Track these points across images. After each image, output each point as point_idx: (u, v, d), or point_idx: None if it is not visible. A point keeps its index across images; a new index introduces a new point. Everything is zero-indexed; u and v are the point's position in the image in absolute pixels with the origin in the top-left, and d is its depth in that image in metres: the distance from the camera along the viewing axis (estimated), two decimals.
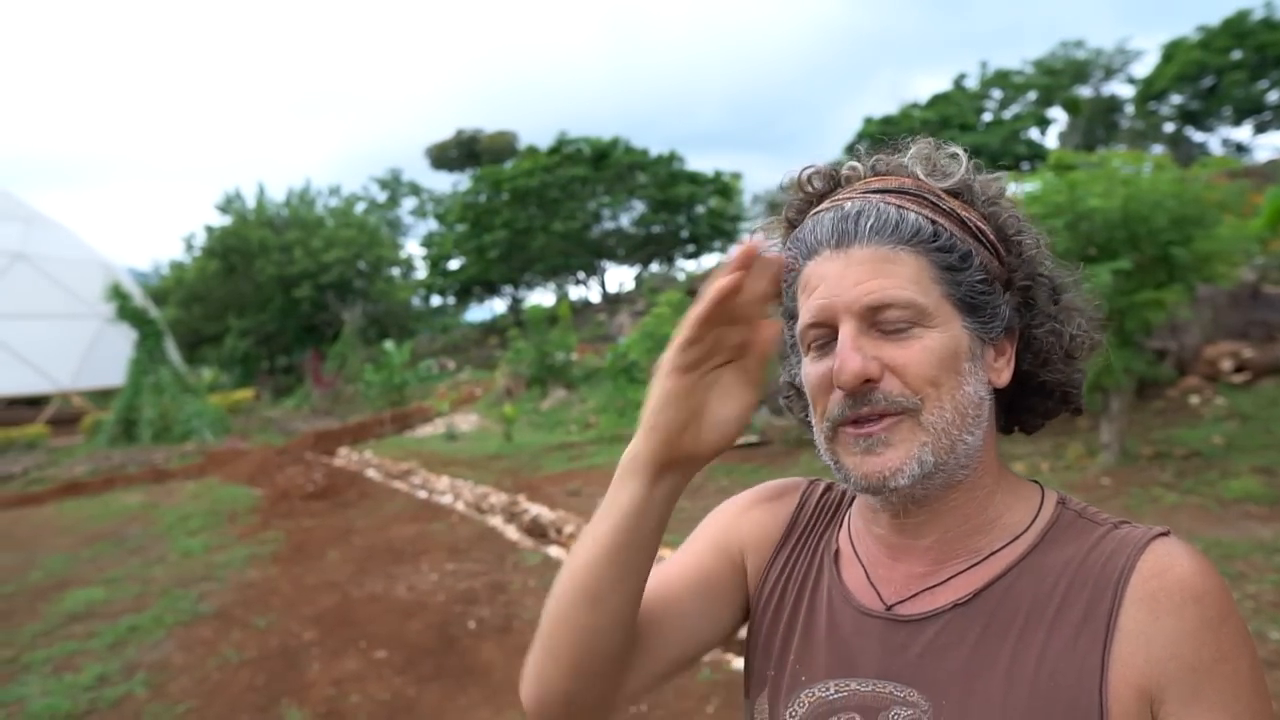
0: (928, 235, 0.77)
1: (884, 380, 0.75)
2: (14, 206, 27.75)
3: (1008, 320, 0.81)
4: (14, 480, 14.74)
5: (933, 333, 0.76)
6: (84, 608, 6.30)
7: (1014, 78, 36.16)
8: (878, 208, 0.78)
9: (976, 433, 0.78)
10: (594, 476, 9.39)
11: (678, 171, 33.79)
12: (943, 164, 0.83)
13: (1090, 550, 0.76)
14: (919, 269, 0.76)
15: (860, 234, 0.77)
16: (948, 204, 0.80)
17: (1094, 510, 0.81)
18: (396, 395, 19.04)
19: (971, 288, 0.78)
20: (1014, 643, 0.75)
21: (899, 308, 0.75)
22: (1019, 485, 0.84)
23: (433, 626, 5.08)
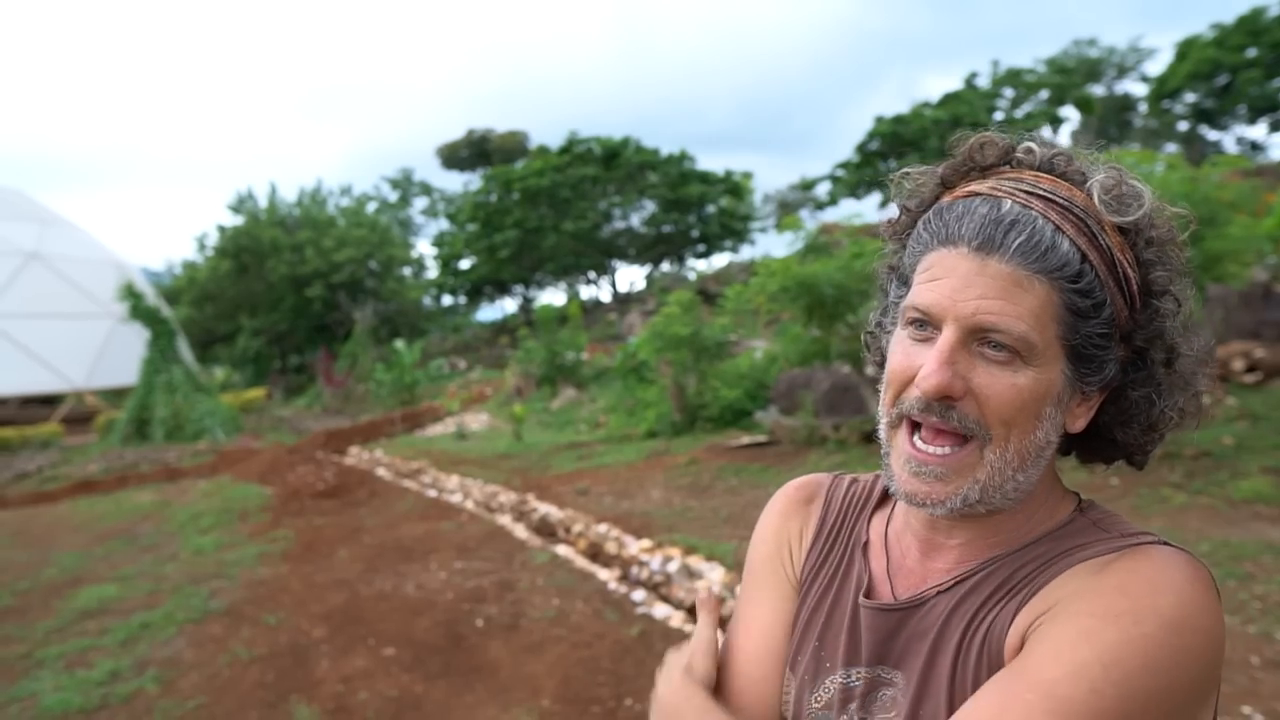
0: (1072, 273, 0.73)
1: (963, 401, 0.75)
2: (29, 207, 27.98)
3: (1111, 376, 0.78)
4: (29, 478, 14.87)
5: (1029, 371, 0.74)
6: (97, 604, 6.35)
7: (1026, 76, 35.99)
8: (1035, 223, 0.74)
9: (1032, 472, 0.78)
10: (603, 476, 9.41)
11: (688, 171, 33.77)
12: (1125, 195, 0.76)
13: (1073, 547, 0.77)
14: (1046, 303, 0.73)
15: (1005, 248, 0.74)
16: (1107, 239, 0.75)
17: (1119, 522, 0.80)
18: (407, 394, 19.12)
19: (1089, 338, 0.75)
20: (969, 618, 0.78)
21: (1009, 337, 0.73)
22: (1058, 500, 0.83)
23: (440, 624, 5.10)
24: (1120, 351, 0.78)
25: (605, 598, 5.39)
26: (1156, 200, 0.78)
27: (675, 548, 6.20)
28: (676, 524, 6.99)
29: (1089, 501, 0.84)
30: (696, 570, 5.74)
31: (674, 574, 5.82)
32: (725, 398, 11.02)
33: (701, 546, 6.15)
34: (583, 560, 6.40)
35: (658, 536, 6.55)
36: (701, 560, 5.85)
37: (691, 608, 5.50)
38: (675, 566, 5.87)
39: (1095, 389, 0.78)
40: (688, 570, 5.81)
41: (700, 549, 6.10)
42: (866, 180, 32.53)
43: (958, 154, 0.83)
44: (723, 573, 5.53)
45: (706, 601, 0.97)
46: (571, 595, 5.46)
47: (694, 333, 11.11)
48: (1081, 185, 0.77)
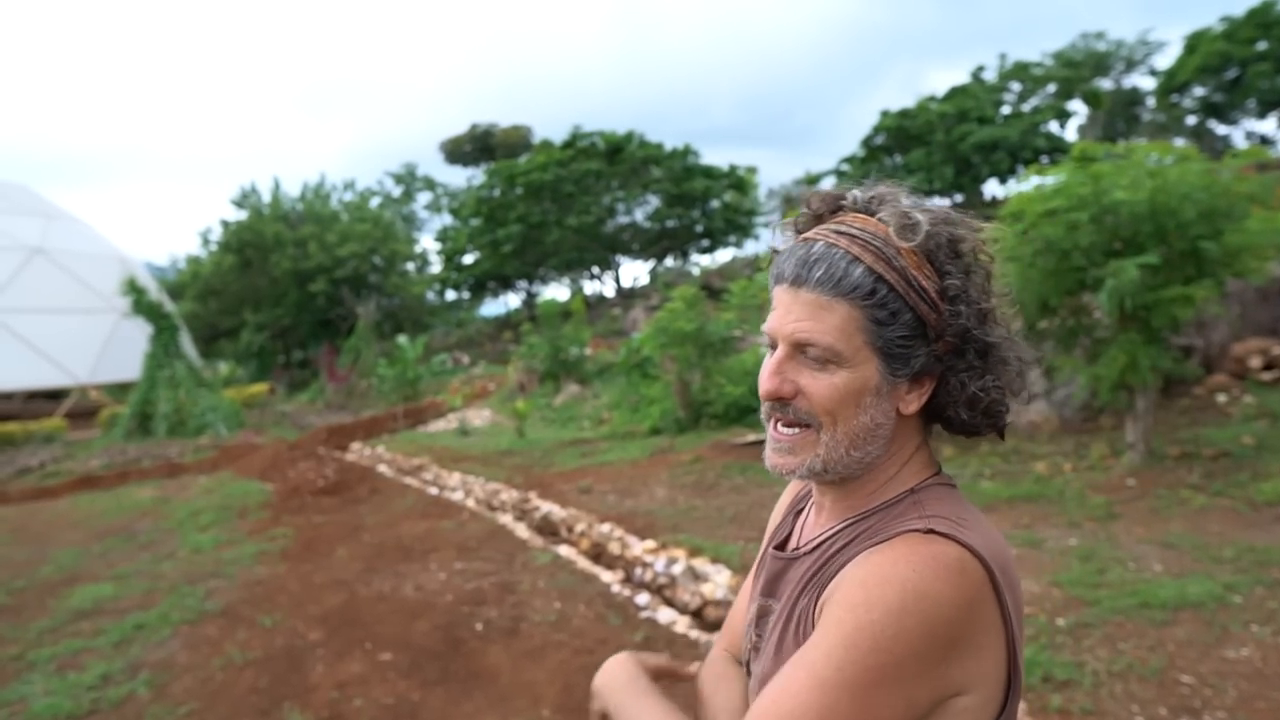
0: (865, 292, 0.92)
1: (798, 398, 0.96)
2: (33, 202, 27.94)
3: (922, 367, 0.96)
4: (31, 473, 14.81)
5: (843, 372, 0.94)
6: (92, 604, 6.24)
7: (1033, 70, 35.73)
8: (831, 259, 0.94)
9: (870, 448, 0.97)
10: (606, 474, 9.28)
11: (693, 166, 33.61)
12: (908, 226, 0.95)
13: (886, 525, 0.95)
14: (848, 319, 0.93)
15: (809, 281, 0.94)
16: (901, 262, 0.94)
17: (931, 504, 0.96)
18: (410, 390, 19.01)
19: (892, 341, 0.94)
20: (806, 575, 1.01)
21: (819, 348, 0.94)
22: (910, 474, 1.01)
23: (439, 628, 4.98)
24: (938, 347, 0.96)
25: (608, 601, 5.26)
26: (955, 226, 0.97)
27: (680, 549, 6.07)
28: (681, 524, 6.86)
29: (930, 481, 1.01)
30: (702, 573, 5.60)
31: (679, 576, 5.69)
32: (730, 395, 10.88)
33: (707, 548, 6.02)
34: (585, 561, 6.28)
35: (662, 537, 6.42)
36: (707, 562, 5.72)
37: (696, 611, 5.38)
38: (680, 568, 5.74)
39: (907, 378, 0.96)
40: (693, 572, 5.67)
41: (705, 550, 5.97)
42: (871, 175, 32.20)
43: (802, 206, 1.04)
44: (728, 576, 5.40)
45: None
46: (574, 598, 5.33)
47: (698, 328, 10.97)
48: (884, 218, 0.97)
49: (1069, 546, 5.50)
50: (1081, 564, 5.11)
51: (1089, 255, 7.04)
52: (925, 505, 0.96)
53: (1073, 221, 6.94)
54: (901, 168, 31.09)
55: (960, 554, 0.87)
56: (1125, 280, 6.43)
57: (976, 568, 0.87)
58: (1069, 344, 7.80)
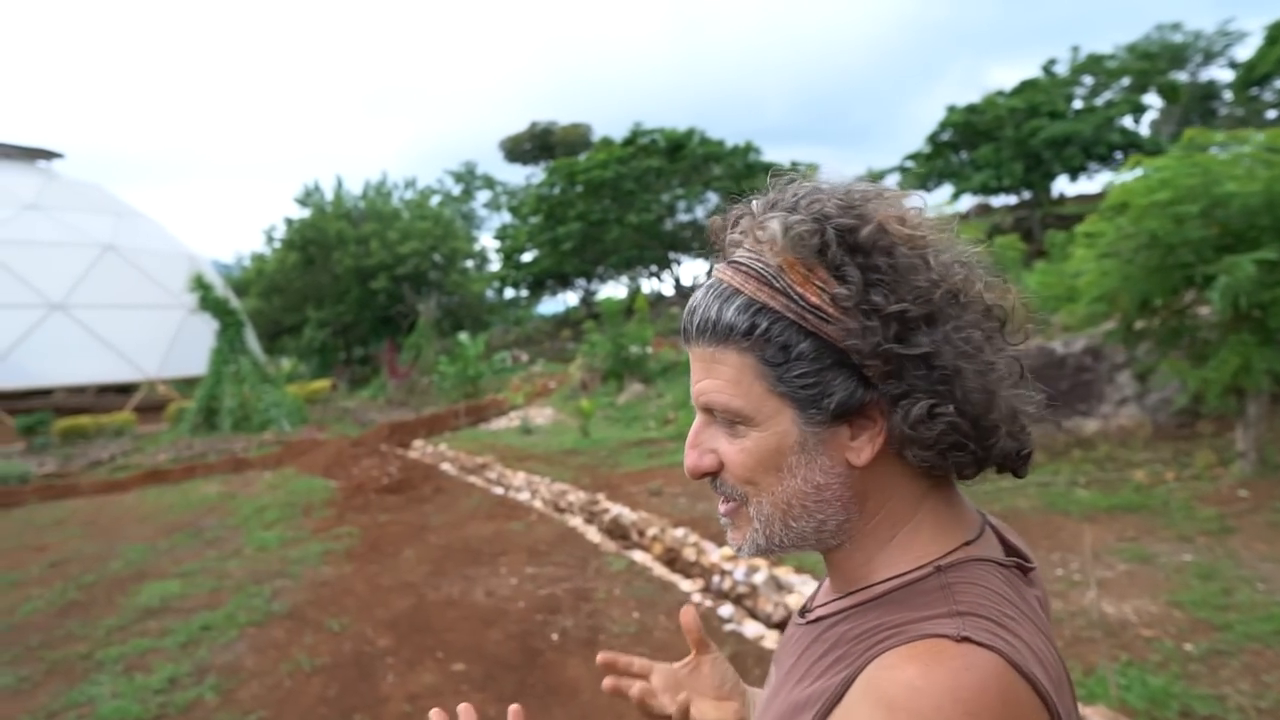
0: (742, 330, 0.75)
1: (723, 471, 0.80)
2: (105, 200, 28.62)
3: (847, 402, 0.75)
4: (102, 466, 15.06)
5: (754, 433, 0.77)
6: (159, 602, 6.16)
7: (1107, 63, 34.54)
8: (706, 301, 0.78)
9: (820, 516, 0.78)
10: (675, 475, 9.00)
11: (754, 163, 33.11)
12: (769, 224, 0.76)
13: (896, 623, 0.73)
14: (740, 368, 0.76)
15: (691, 334, 0.79)
16: (783, 280, 0.75)
17: (967, 594, 0.73)
18: (471, 387, 18.94)
19: (791, 382, 0.75)
20: (806, 668, 0.79)
21: (720, 408, 0.77)
22: (921, 543, 0.78)
23: (513, 637, 4.74)
24: (870, 372, 0.74)
25: None
26: (850, 211, 0.75)
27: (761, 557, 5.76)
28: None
29: (960, 555, 0.77)
30: (786, 583, 5.30)
31: (760, 586, 5.39)
32: None
33: (788, 556, 5.71)
34: (661, 568, 6.00)
35: None
36: (791, 572, 5.41)
37: (781, 623, 5.07)
38: (762, 578, 5.44)
39: (828, 422, 0.75)
40: (776, 582, 5.37)
41: (787, 559, 5.66)
42: (938, 172, 31.46)
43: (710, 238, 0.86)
44: (815, 587, 5.08)
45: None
46: (653, 608, 5.06)
47: None
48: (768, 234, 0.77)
49: (1184, 563, 5.09)
50: (1202, 583, 4.71)
51: (1198, 251, 6.58)
52: (956, 593, 0.74)
53: (1180, 214, 6.49)
54: (969, 164, 30.33)
55: (1005, 675, 0.66)
56: (1240, 277, 6.00)
57: (1028, 695, 0.66)
58: (1170, 345, 7.33)
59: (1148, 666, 3.71)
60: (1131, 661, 3.77)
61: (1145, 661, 3.76)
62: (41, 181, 27.81)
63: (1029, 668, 0.67)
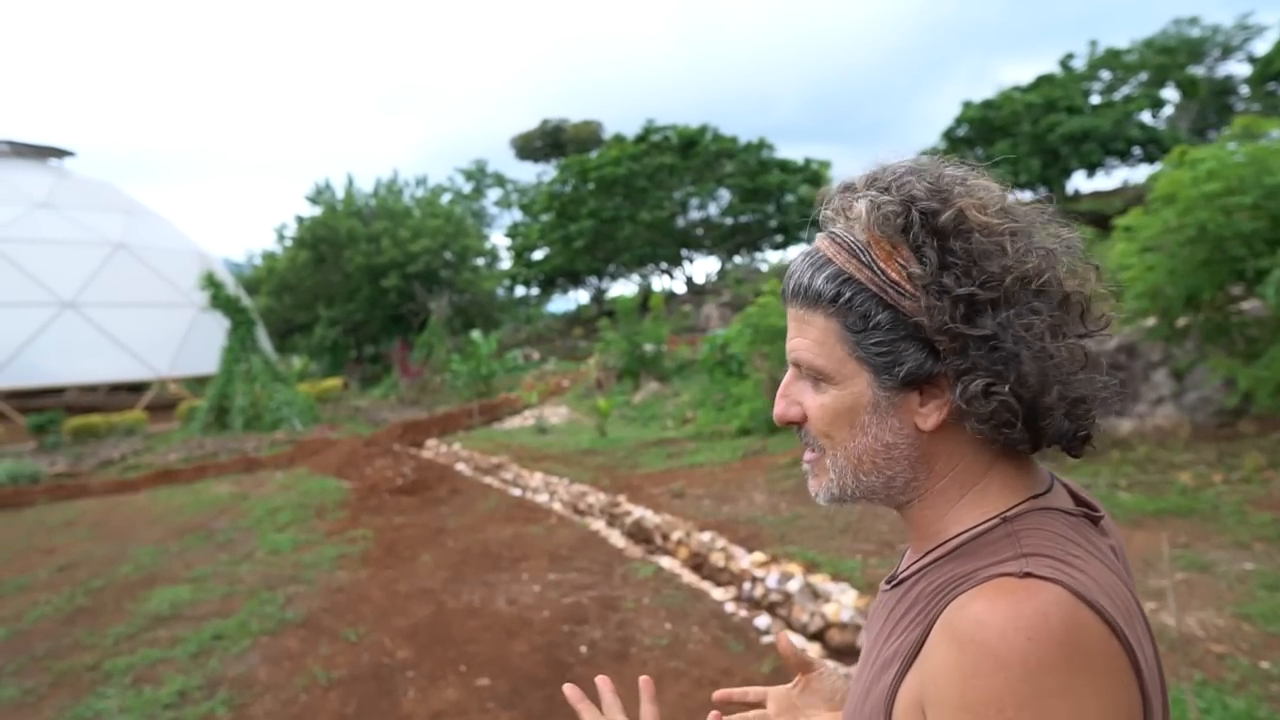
0: (829, 298, 0.80)
1: (806, 421, 0.86)
2: (116, 198, 28.51)
3: (916, 372, 0.79)
4: (113, 465, 14.89)
5: (833, 390, 0.82)
6: (169, 608, 5.95)
7: (1125, 57, 34.08)
8: (802, 267, 0.83)
9: (888, 472, 0.83)
10: (697, 476, 8.77)
11: (767, 160, 32.85)
12: (861, 203, 0.80)
13: (966, 572, 0.76)
14: (826, 331, 0.81)
15: (788, 295, 0.85)
16: (870, 254, 0.79)
17: (1032, 538, 0.76)
18: (483, 386, 18.73)
19: (869, 348, 0.80)
20: (891, 628, 0.83)
21: (805, 365, 0.83)
22: (988, 499, 0.82)
23: (539, 649, 4.51)
24: (940, 347, 0.78)
25: (724, 623, 4.74)
26: (935, 196, 0.78)
27: (794, 563, 5.52)
28: (788, 533, 6.31)
29: (1025, 506, 0.80)
30: (823, 591, 5.05)
31: (796, 594, 5.15)
32: None
33: (823, 561, 5.47)
34: (690, 575, 5.76)
35: (770, 548, 5.88)
36: (827, 579, 5.16)
37: (817, 634, 4.83)
38: (797, 585, 5.20)
39: (899, 388, 0.80)
40: (812, 590, 5.13)
41: (822, 564, 5.42)
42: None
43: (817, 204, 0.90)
44: (854, 596, 4.84)
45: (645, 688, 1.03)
46: (684, 618, 4.82)
47: None
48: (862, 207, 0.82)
49: (1245, 571, 4.82)
50: (1270, 594, 4.46)
51: (1248, 243, 6.31)
52: (1021, 539, 0.77)
53: (1230, 206, 6.22)
54: (985, 160, 29.73)
55: (1067, 603, 0.68)
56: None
57: (1093, 621, 0.68)
58: (1214, 342, 7.05)
59: (1225, 687, 3.46)
60: (1207, 681, 3.52)
61: (1222, 681, 3.51)
62: (53, 180, 27.72)
63: (1092, 596, 0.68)
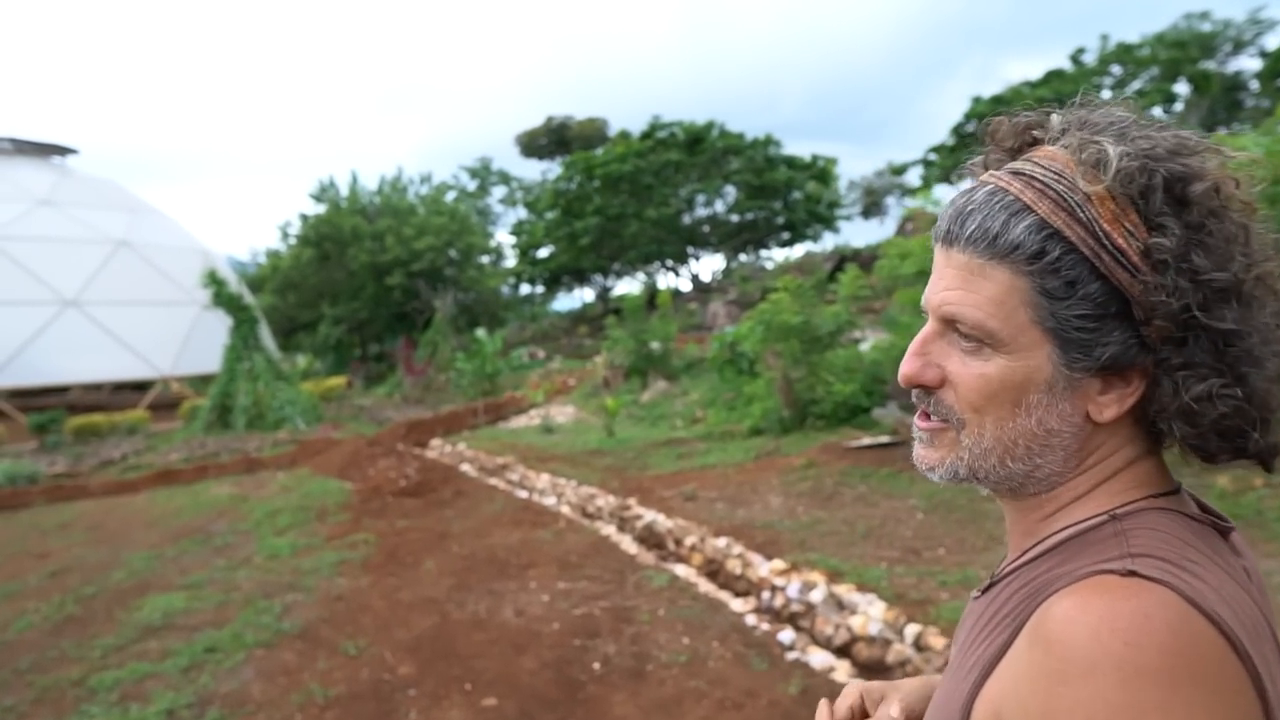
0: (1030, 253, 0.67)
1: (943, 389, 0.73)
2: (119, 196, 28.31)
3: (1117, 358, 0.67)
4: (113, 465, 14.67)
5: (999, 359, 0.70)
6: (161, 618, 5.69)
7: (1137, 52, 33.73)
8: (990, 209, 0.69)
9: (1039, 460, 0.71)
10: (709, 478, 8.49)
11: (774, 156, 32.58)
12: (1098, 152, 0.66)
13: (1065, 571, 0.67)
14: (1009, 289, 0.68)
15: (960, 238, 0.71)
16: (1089, 211, 0.66)
17: (1143, 537, 0.65)
18: (489, 385, 18.48)
19: (1066, 321, 0.67)
20: (978, 634, 0.73)
21: (968, 325, 0.70)
22: (1110, 494, 0.71)
23: (549, 666, 4.25)
24: (1148, 331, 0.66)
25: (746, 637, 4.47)
26: (1184, 157, 0.66)
27: (816, 571, 5.24)
28: (808, 540, 6.04)
29: (1142, 504, 0.69)
30: (848, 602, 4.78)
31: (819, 605, 4.87)
32: (839, 393, 9.97)
33: (846, 570, 5.19)
34: (707, 584, 5.49)
35: (789, 555, 5.61)
36: (852, 589, 4.88)
37: (843, 648, 4.56)
38: (820, 596, 4.93)
39: (1091, 372, 0.68)
40: (836, 601, 4.85)
41: (846, 573, 5.14)
42: (963, 164, 30.81)
43: (985, 139, 0.78)
44: (883, 608, 4.56)
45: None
46: (703, 631, 4.55)
47: (805, 321, 10.10)
48: (1073, 149, 0.69)
49: None
50: None
51: None
52: (1131, 538, 0.65)
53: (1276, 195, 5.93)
54: None
55: (1175, 607, 0.58)
56: None
57: (1206, 632, 0.57)
58: None
59: None
60: None
61: None
62: (55, 178, 27.52)
63: (1209, 604, 0.58)
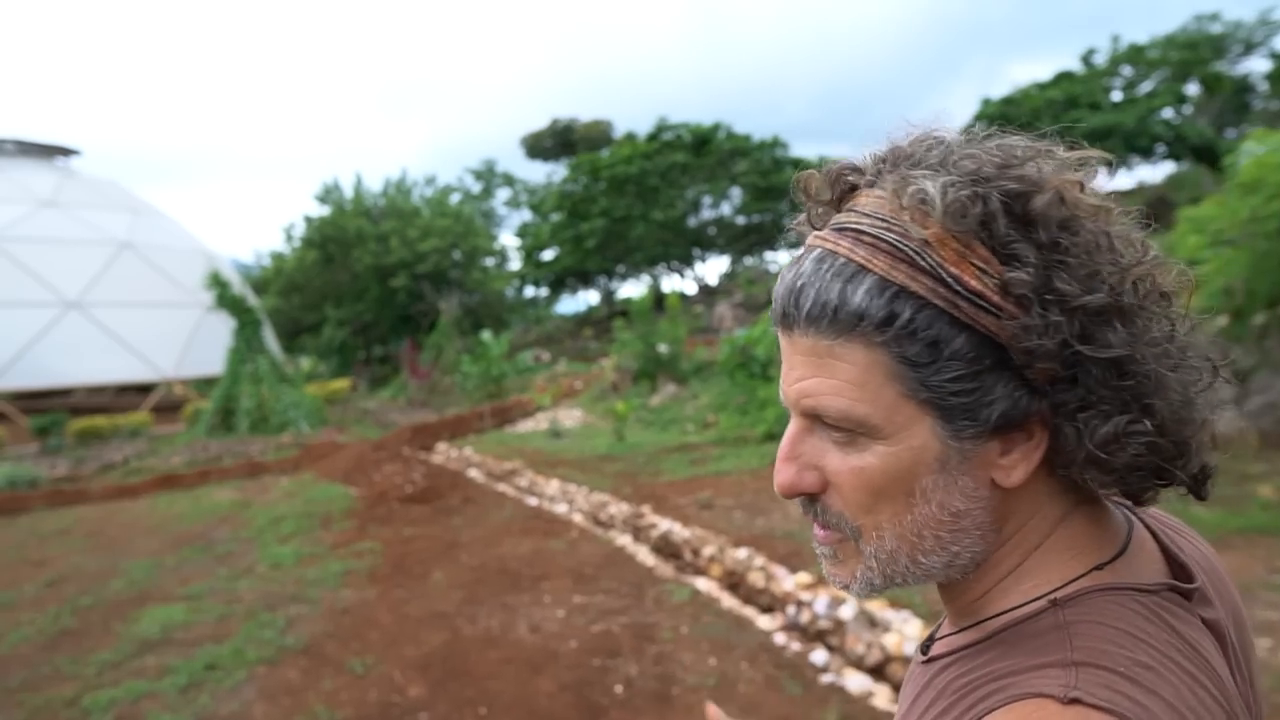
0: (877, 320, 0.57)
1: (827, 494, 0.63)
2: (122, 197, 28.13)
3: (1011, 412, 0.58)
4: (115, 469, 14.46)
5: (878, 446, 0.60)
6: (160, 632, 5.47)
7: (1148, 53, 33.48)
8: (821, 279, 0.59)
9: (955, 549, 0.61)
10: (724, 485, 8.25)
11: (781, 158, 32.32)
12: (918, 190, 0.57)
13: (1002, 674, 0.58)
14: (867, 367, 0.58)
15: (799, 319, 0.60)
16: (930, 257, 0.56)
17: (1090, 636, 0.56)
18: (494, 388, 18.26)
19: (940, 387, 0.58)
20: (919, 705, 0.66)
21: (832, 416, 0.60)
22: (1048, 568, 0.62)
23: (568, 688, 4.01)
24: (1034, 375, 0.57)
25: (776, 658, 4.23)
26: (1016, 170, 0.57)
27: None
28: None
29: (1087, 585, 0.60)
30: (881, 619, 4.53)
31: (849, 622, 4.63)
32: None
33: None
34: (731, 599, 5.25)
35: (814, 568, 5.37)
36: (884, 605, 4.64)
37: (875, 668, 4.32)
38: (850, 612, 4.68)
39: (984, 435, 0.58)
40: (868, 618, 4.61)
41: None
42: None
43: (799, 194, 0.68)
44: (919, 626, 4.32)
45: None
46: (730, 651, 4.31)
47: None
48: (903, 192, 0.59)
49: None
50: None
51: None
52: (1075, 636, 0.56)
53: None
54: None
55: None
56: None
57: None
58: None
59: None
60: None
61: None
62: (58, 179, 27.36)
63: None
